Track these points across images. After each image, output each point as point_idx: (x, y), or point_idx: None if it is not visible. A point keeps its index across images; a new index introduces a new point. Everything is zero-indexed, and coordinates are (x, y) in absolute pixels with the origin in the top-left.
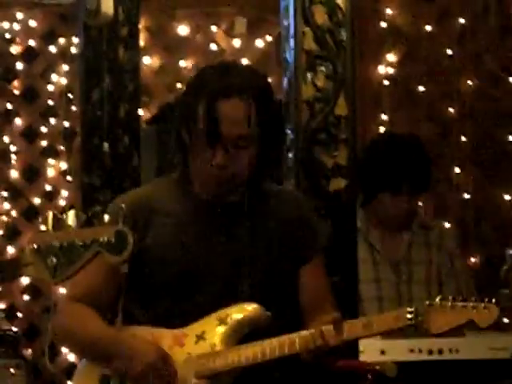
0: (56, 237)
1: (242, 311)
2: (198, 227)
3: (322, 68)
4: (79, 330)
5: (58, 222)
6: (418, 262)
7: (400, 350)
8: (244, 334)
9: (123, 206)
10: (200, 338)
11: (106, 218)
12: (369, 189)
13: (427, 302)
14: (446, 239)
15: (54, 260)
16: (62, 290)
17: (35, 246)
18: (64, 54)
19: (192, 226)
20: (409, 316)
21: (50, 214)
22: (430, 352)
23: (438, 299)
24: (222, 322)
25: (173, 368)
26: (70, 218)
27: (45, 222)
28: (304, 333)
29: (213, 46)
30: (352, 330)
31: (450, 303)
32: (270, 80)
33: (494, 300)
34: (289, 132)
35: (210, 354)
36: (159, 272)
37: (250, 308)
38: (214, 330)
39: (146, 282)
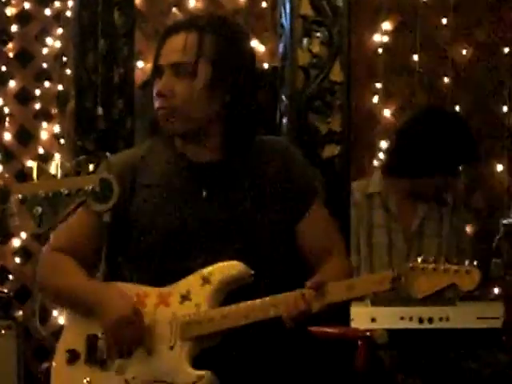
0: (41, 186)
1: (226, 270)
2: (185, 188)
3: (318, 34)
4: (58, 279)
5: (43, 172)
6: (429, 235)
7: (391, 318)
8: (228, 292)
9: (108, 154)
10: (185, 298)
11: (91, 167)
12: (419, 166)
13: (410, 265)
14: (456, 214)
15: (40, 209)
16: None
17: (20, 196)
18: (59, 17)
19: (178, 187)
20: (391, 279)
21: (35, 164)
22: (421, 320)
23: (419, 261)
24: (206, 281)
25: (143, 321)
26: (55, 167)
27: (29, 172)
28: (287, 295)
29: (207, 12)
30: (335, 292)
31: (432, 266)
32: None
33: (475, 263)
34: (284, 98)
35: (194, 315)
36: (145, 234)
37: (234, 266)
38: (198, 290)
39: (133, 244)
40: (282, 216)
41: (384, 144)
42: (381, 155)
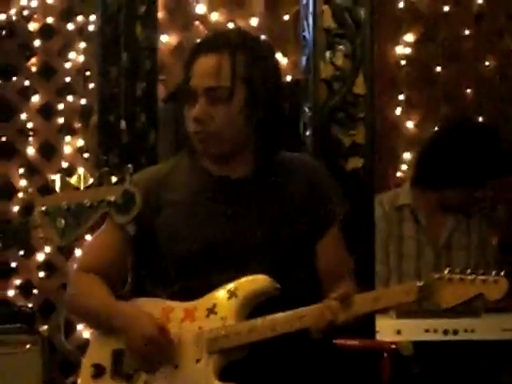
0: (64, 198)
1: (252, 283)
2: (209, 204)
3: (341, 47)
4: (84, 300)
5: (66, 184)
6: (458, 247)
7: (416, 330)
8: (254, 306)
9: (130, 166)
10: (211, 311)
11: (113, 179)
12: (449, 179)
13: (436, 276)
14: (484, 227)
15: (63, 221)
16: None
17: (43, 208)
18: (81, 32)
19: (204, 204)
20: (418, 290)
21: (58, 177)
22: (446, 332)
23: (446, 272)
24: (233, 294)
25: (170, 339)
26: (77, 179)
27: (52, 186)
28: (313, 307)
29: (230, 25)
30: (361, 303)
31: (458, 276)
32: (284, 59)
33: (502, 273)
34: (307, 110)
35: (220, 329)
36: (171, 250)
37: (260, 280)
38: (224, 304)
39: (158, 259)
40: (303, 234)
41: (407, 156)
42: (404, 167)
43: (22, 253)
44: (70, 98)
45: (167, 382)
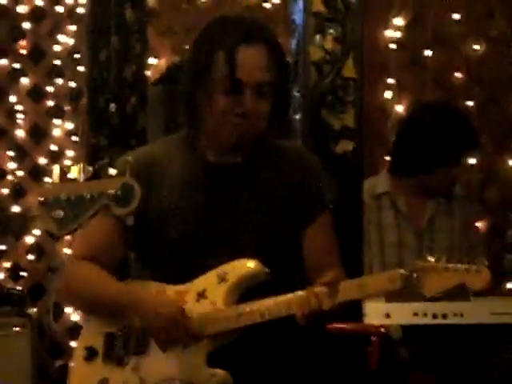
0: (63, 190)
1: (242, 268)
2: (202, 188)
3: (331, 30)
4: (87, 286)
5: (65, 176)
6: (440, 230)
7: (404, 314)
8: (244, 290)
9: (130, 158)
10: (201, 295)
11: (112, 171)
12: (422, 163)
13: (420, 264)
14: (467, 208)
15: (61, 213)
16: (67, 250)
17: (42, 198)
18: (71, 14)
19: (196, 187)
20: (402, 278)
21: (57, 168)
22: (435, 316)
23: (431, 260)
24: (223, 279)
25: (188, 321)
26: (77, 171)
27: (51, 176)
28: (300, 293)
29: (220, 7)
30: (346, 291)
31: (442, 265)
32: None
33: (485, 263)
34: (296, 94)
35: (210, 314)
36: (162, 233)
37: (250, 264)
38: (214, 288)
39: (151, 242)
40: (293, 220)
41: None
42: None
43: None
44: (59, 81)
45: (156, 366)
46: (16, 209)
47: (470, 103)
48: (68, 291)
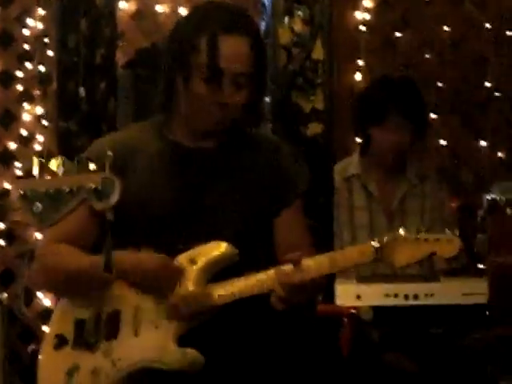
0: (42, 183)
1: (211, 250)
2: (177, 173)
3: (299, 12)
4: (60, 260)
5: (44, 169)
6: (411, 211)
7: (376, 295)
8: (214, 272)
9: (110, 153)
10: None
11: (92, 165)
12: (360, 127)
13: (391, 235)
14: (438, 189)
15: (40, 206)
16: (38, 235)
17: (21, 191)
18: None
19: (168, 171)
20: (373, 250)
21: (36, 160)
22: (406, 297)
23: (401, 231)
24: (192, 261)
25: (177, 267)
26: (56, 164)
27: (30, 166)
28: (268, 271)
29: None
30: (317, 266)
31: (413, 236)
32: None
33: (456, 232)
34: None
35: (179, 295)
36: (136, 218)
37: (219, 246)
38: (185, 270)
39: (123, 227)
40: (265, 206)
41: None
42: None
43: None
44: (28, 66)
45: (127, 349)
46: None
47: (441, 84)
48: (42, 271)
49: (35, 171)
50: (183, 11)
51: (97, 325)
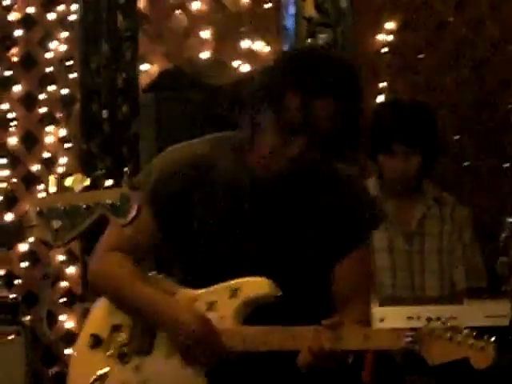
0: (59, 200)
1: (255, 285)
2: (242, 198)
3: (322, 35)
4: (114, 283)
5: (61, 186)
6: (430, 234)
7: (399, 318)
8: (254, 308)
9: (127, 169)
10: (211, 307)
11: (108, 182)
12: (369, 153)
13: (428, 328)
14: (458, 211)
15: (58, 223)
16: (61, 258)
17: (38, 208)
18: (62, 21)
19: (236, 196)
20: (407, 339)
21: (52, 178)
22: (429, 320)
23: (440, 327)
24: (234, 294)
25: (217, 335)
26: (73, 181)
27: (47, 186)
28: (305, 329)
29: (211, 13)
30: (351, 338)
31: (449, 335)
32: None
33: (492, 340)
34: None
35: (218, 330)
36: (192, 236)
37: (263, 283)
38: (225, 302)
39: (180, 238)
40: (328, 249)
41: None
42: None
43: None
44: (51, 88)
45: (157, 372)
46: (9, 216)
47: (463, 107)
48: (94, 282)
49: (52, 189)
50: (205, 34)
51: (132, 334)
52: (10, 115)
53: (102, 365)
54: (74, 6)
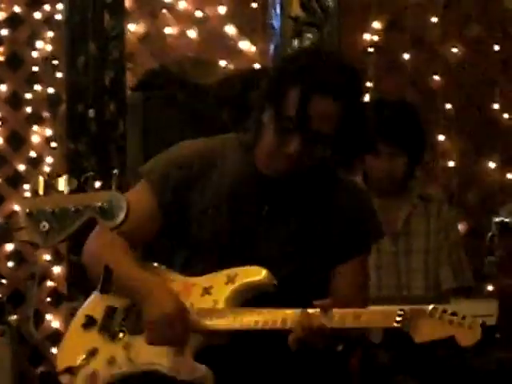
0: (48, 202)
1: (251, 274)
2: (246, 195)
3: (309, 35)
4: (110, 257)
5: (49, 188)
6: (416, 233)
7: None
8: (249, 296)
9: (116, 171)
10: (206, 291)
11: (97, 184)
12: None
13: (418, 307)
14: (444, 210)
15: (47, 225)
16: (47, 257)
17: (27, 210)
18: (49, 21)
19: (241, 193)
20: (397, 318)
21: (41, 180)
22: None
23: (430, 307)
24: (231, 280)
25: (187, 323)
26: (62, 183)
27: (36, 187)
28: (296, 310)
29: (198, 13)
30: (340, 317)
31: (438, 314)
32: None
33: (480, 320)
34: None
35: (209, 311)
36: (196, 226)
37: (259, 272)
38: (220, 287)
39: (182, 231)
40: (329, 253)
41: None
42: None
43: None
44: (37, 88)
45: (147, 349)
46: None
47: (448, 106)
48: (89, 256)
49: (40, 190)
50: (192, 33)
51: (126, 316)
52: None
53: (93, 342)
54: (60, 6)
